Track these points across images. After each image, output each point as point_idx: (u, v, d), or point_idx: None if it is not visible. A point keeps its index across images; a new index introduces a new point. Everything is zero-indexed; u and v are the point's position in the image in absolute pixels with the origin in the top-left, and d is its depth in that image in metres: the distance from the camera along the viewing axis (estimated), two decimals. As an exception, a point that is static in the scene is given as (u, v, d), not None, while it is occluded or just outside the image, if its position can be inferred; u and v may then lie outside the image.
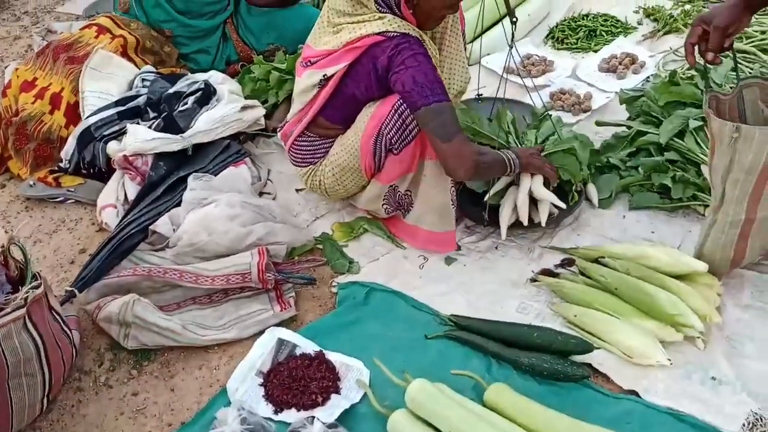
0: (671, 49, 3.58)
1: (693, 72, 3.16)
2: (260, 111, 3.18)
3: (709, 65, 2.13)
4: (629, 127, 2.91)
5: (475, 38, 3.76)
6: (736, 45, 3.24)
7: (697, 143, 2.68)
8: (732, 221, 2.20)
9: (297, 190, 3.01)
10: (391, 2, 2.38)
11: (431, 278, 2.58)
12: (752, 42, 3.35)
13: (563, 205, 2.56)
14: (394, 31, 2.35)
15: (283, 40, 3.71)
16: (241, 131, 3.16)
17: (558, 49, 3.81)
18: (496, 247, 2.67)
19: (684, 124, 2.72)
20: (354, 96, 2.49)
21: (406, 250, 2.71)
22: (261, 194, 3.01)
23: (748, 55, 3.31)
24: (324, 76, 2.47)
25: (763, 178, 2.07)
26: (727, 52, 2.10)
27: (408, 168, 2.56)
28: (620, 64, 3.53)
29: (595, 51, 3.73)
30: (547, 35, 3.92)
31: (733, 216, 2.18)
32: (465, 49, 2.82)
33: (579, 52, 3.76)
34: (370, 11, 2.40)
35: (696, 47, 2.09)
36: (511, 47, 2.67)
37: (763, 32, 3.39)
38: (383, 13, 2.39)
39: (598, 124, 3.01)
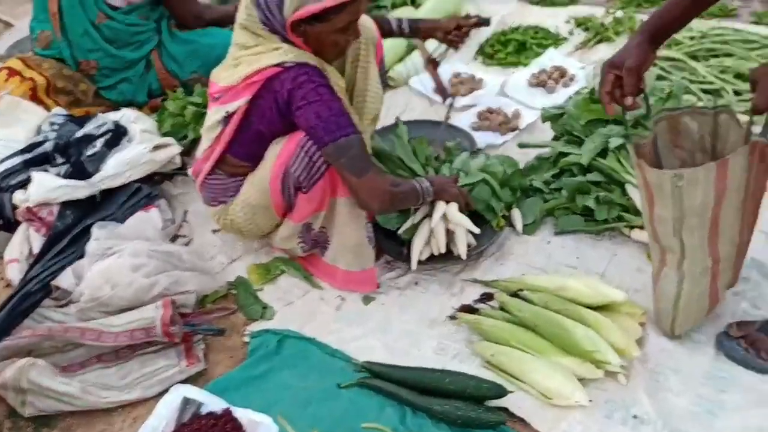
0: (602, 60, 3.47)
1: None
2: (175, 149, 3.05)
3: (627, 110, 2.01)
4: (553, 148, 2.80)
5: (401, 59, 3.67)
6: (665, 52, 3.17)
7: (620, 162, 2.58)
8: (701, 270, 2.04)
9: (213, 231, 2.88)
10: (279, 31, 2.25)
11: (348, 320, 2.46)
12: (681, 48, 3.26)
13: (476, 230, 2.46)
14: (291, 62, 2.24)
15: (207, 69, 3.56)
16: (156, 171, 3.03)
17: (488, 65, 3.72)
18: (417, 283, 2.56)
19: (605, 143, 2.61)
20: (260, 132, 2.37)
21: (323, 290, 2.59)
22: (176, 237, 2.88)
23: (677, 62, 3.21)
24: (226, 112, 2.36)
25: (715, 214, 1.94)
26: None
27: (319, 206, 2.45)
28: (550, 78, 3.44)
29: (525, 65, 3.63)
30: (478, 51, 3.82)
31: (701, 265, 2.03)
32: (384, 74, 2.72)
33: (509, 67, 3.66)
34: (267, 41, 2.28)
35: (610, 95, 1.99)
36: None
37: (692, 38, 3.30)
38: (281, 43, 2.27)
39: (521, 146, 2.91)
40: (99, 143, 2.97)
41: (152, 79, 3.56)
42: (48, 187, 2.79)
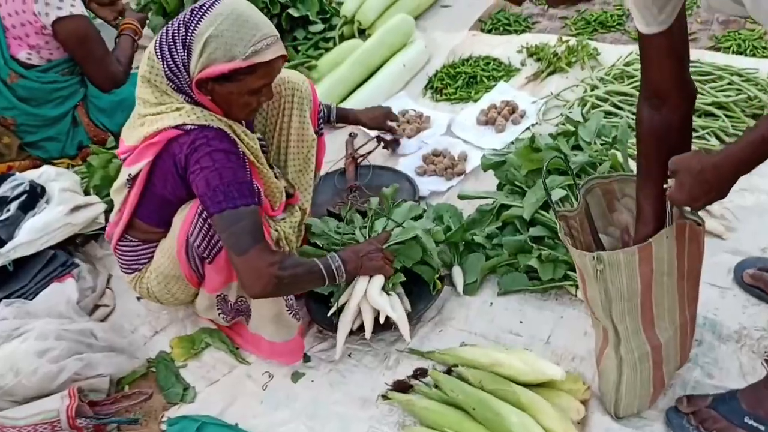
0: (552, 93, 3.31)
1: (564, 125, 2.90)
2: (98, 208, 2.86)
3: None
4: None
5: (344, 98, 3.49)
6: (616, 86, 3.00)
7: (564, 214, 2.39)
8: (640, 356, 1.87)
9: (138, 298, 2.69)
10: (184, 88, 2.07)
11: (275, 401, 2.26)
12: (633, 83, 3.08)
13: (394, 315, 2.25)
14: (192, 124, 2.05)
15: (139, 119, 3.41)
16: (79, 232, 2.83)
17: (437, 100, 3.54)
18: (350, 355, 2.37)
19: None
20: (164, 197, 2.18)
21: (250, 365, 2.40)
22: (96, 307, 2.69)
23: (628, 98, 3.03)
24: (129, 175, 2.18)
25: (645, 298, 1.77)
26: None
27: (228, 277, 2.25)
28: (499, 114, 3.26)
29: (475, 100, 3.45)
30: (426, 85, 3.64)
31: (639, 350, 1.86)
32: (319, 126, 2.56)
33: (458, 102, 3.48)
34: (170, 99, 2.09)
35: None
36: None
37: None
38: (184, 103, 2.09)
39: (461, 197, 2.72)
40: (13, 206, 2.77)
41: (81, 134, 3.38)
42: (-45, 258, 2.59)
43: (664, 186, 1.65)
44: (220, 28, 1.98)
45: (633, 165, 2.45)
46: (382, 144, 3.12)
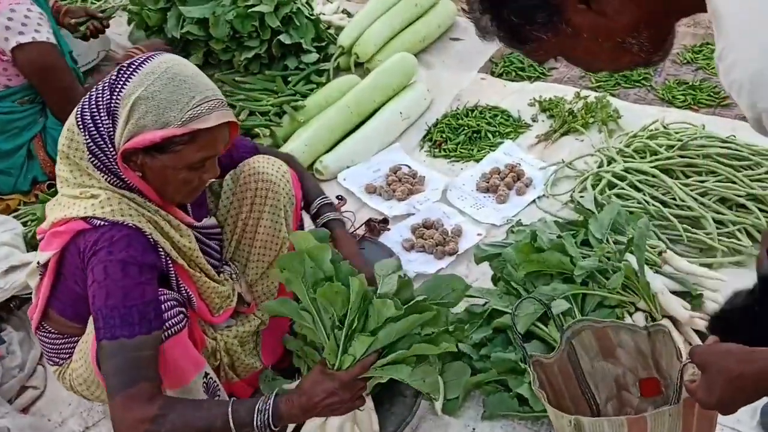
0: (563, 161, 2.94)
1: (573, 216, 2.54)
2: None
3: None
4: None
5: (331, 147, 3.14)
6: (634, 164, 2.65)
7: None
8: None
9: (72, 382, 2.34)
10: (110, 165, 1.71)
11: None
12: (655, 161, 2.71)
13: None
14: (102, 219, 1.69)
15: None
16: (15, 295, 2.50)
17: (434, 155, 3.17)
18: (305, 482, 2.02)
19: (548, 305, 2.06)
20: (76, 292, 1.81)
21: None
22: (24, 388, 2.34)
23: (647, 176, 2.66)
24: (38, 263, 1.84)
25: None
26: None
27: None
28: (502, 181, 2.89)
29: (477, 160, 3.08)
30: (425, 136, 3.28)
31: None
32: (294, 218, 2.17)
33: (458, 161, 3.11)
34: (90, 181, 1.74)
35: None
36: None
37: (670, 147, 2.74)
38: (99, 190, 1.72)
39: (449, 293, 2.35)
40: (-60, 266, 2.44)
41: (35, 169, 3.04)
42: None
43: (688, 377, 1.31)
44: (151, 88, 1.64)
45: (650, 275, 2.11)
46: (370, 230, 2.76)
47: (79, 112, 1.72)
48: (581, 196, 2.64)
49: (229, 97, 3.34)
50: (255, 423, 1.64)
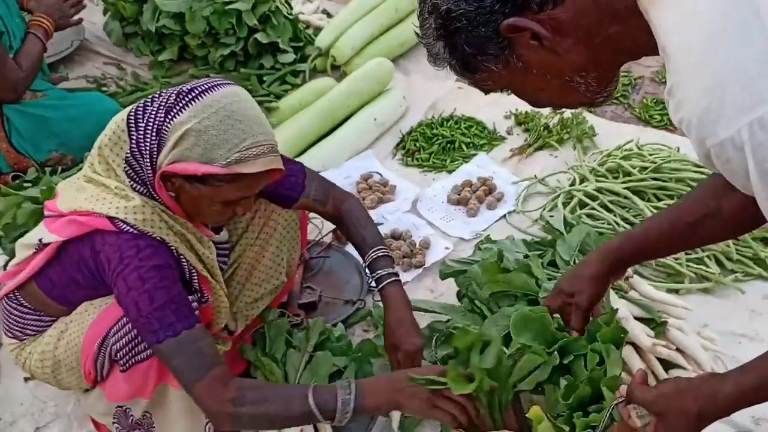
0: (536, 177, 2.91)
1: (542, 234, 2.52)
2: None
3: None
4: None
5: (303, 151, 3.09)
6: (605, 184, 2.63)
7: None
8: None
9: (26, 379, 2.29)
10: (144, 178, 1.69)
11: None
12: (627, 182, 2.69)
13: None
14: (130, 226, 1.67)
15: (69, 147, 3.02)
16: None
17: (407, 164, 3.13)
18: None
19: (509, 327, 2.03)
20: (74, 279, 1.80)
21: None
22: (-26, 386, 2.28)
23: (620, 199, 2.64)
24: (40, 240, 1.80)
25: None
26: None
27: (138, 391, 1.83)
28: (473, 194, 2.86)
29: (450, 171, 3.05)
30: (398, 144, 3.24)
31: None
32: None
33: (430, 171, 3.07)
34: (120, 180, 1.71)
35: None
36: None
37: (643, 168, 2.72)
38: (136, 191, 1.70)
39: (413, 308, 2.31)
40: None
41: (0, 162, 2.96)
42: None
43: (639, 423, 1.29)
44: (205, 122, 1.61)
45: (615, 300, 2.08)
46: (337, 238, 2.72)
47: (132, 118, 1.68)
48: (551, 215, 2.61)
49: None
50: (337, 403, 1.66)
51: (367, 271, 2.08)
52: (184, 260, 1.75)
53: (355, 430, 2.04)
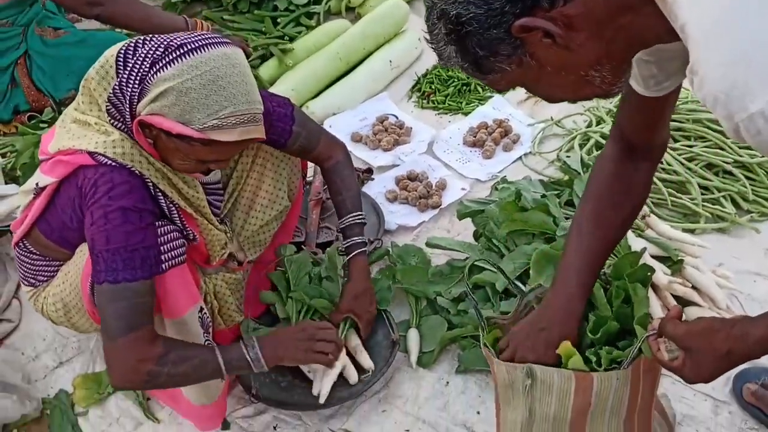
0: (552, 119, 2.90)
1: (559, 175, 2.53)
2: (14, 201, 2.46)
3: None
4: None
5: (318, 94, 3.09)
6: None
7: (544, 291, 2.02)
8: None
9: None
10: (124, 119, 1.67)
11: (179, 477, 1.94)
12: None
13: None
14: (110, 159, 1.66)
15: (89, 87, 3.00)
16: (-11, 227, 2.46)
17: (422, 107, 3.12)
18: (275, 427, 2.03)
19: (527, 264, 2.06)
20: (69, 219, 1.79)
21: (159, 424, 2.06)
22: (-2, 322, 2.33)
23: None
24: (36, 184, 1.82)
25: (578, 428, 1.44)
26: None
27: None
28: (489, 136, 2.86)
29: (465, 113, 3.04)
30: (413, 87, 3.22)
31: None
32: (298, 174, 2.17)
33: (446, 113, 3.07)
34: (101, 116, 1.70)
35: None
36: None
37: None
38: (115, 127, 1.69)
39: (429, 245, 2.34)
40: None
41: (19, 97, 2.97)
42: None
43: (664, 351, 1.31)
44: (188, 84, 1.58)
45: (632, 238, 2.10)
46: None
47: (122, 57, 1.63)
48: (568, 156, 2.61)
49: (215, 35, 3.26)
50: (248, 356, 1.78)
51: (339, 235, 2.12)
52: (161, 196, 1.73)
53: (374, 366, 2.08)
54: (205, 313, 1.86)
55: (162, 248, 1.71)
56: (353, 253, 2.07)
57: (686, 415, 1.95)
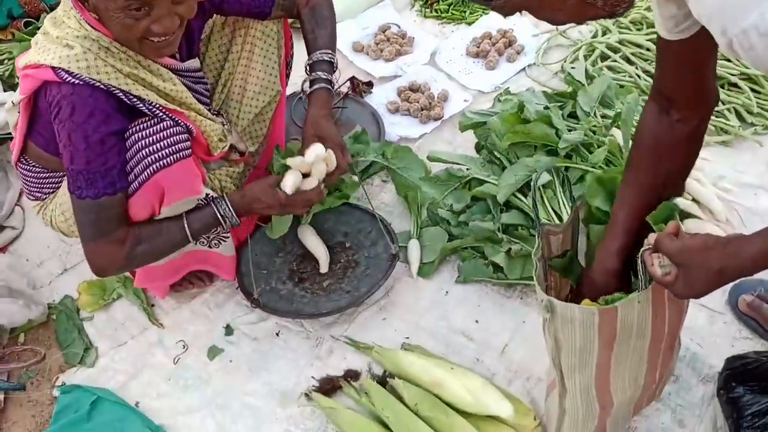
0: (557, 29, 2.85)
1: (563, 87, 2.50)
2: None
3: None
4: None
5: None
6: (628, 36, 2.58)
7: (545, 203, 2.03)
8: (584, 415, 1.58)
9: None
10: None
11: (183, 381, 1.99)
12: (651, 35, 2.63)
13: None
14: (73, 76, 1.63)
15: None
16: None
17: (425, 16, 3.06)
18: (278, 333, 2.07)
19: (529, 177, 2.07)
20: (54, 130, 1.76)
21: (164, 329, 2.11)
22: (1, 228, 2.35)
23: (642, 51, 2.60)
24: (13, 102, 1.83)
25: (602, 361, 1.46)
26: None
27: (153, 210, 1.88)
28: (493, 46, 2.81)
29: (469, 23, 2.99)
30: (416, -6, 3.16)
31: (584, 407, 1.56)
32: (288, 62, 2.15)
33: (449, 23, 3.01)
34: (64, 29, 1.68)
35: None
36: None
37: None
38: (77, 34, 1.66)
39: (431, 159, 2.34)
40: None
41: (12, 2, 2.91)
42: None
43: (658, 267, 1.31)
44: None
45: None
46: (353, 88, 2.69)
47: None
48: (572, 67, 2.58)
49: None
50: (218, 211, 1.82)
51: (306, 68, 2.01)
52: (138, 102, 1.71)
53: (374, 276, 2.11)
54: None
55: (159, 144, 1.71)
56: (315, 87, 1.96)
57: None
